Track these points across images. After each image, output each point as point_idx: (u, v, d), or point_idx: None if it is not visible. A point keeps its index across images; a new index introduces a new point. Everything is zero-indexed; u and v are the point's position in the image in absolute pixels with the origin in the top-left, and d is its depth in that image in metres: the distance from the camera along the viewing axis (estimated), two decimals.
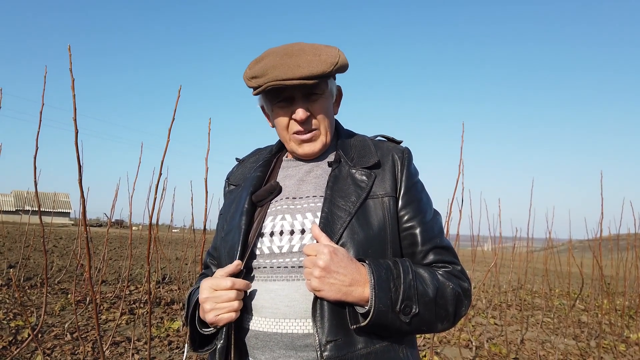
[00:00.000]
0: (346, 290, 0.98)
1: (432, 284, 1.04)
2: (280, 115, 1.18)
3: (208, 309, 1.04)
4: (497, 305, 8.21)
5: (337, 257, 0.99)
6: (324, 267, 0.97)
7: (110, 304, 6.38)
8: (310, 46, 1.15)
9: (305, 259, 1.01)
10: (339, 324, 1.00)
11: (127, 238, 15.84)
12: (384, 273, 1.00)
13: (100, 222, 45.11)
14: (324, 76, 1.11)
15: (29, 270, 8.90)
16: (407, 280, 1.01)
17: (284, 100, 1.16)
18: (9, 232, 17.88)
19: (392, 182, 1.15)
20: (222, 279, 1.05)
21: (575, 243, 11.22)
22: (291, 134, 1.19)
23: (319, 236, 1.03)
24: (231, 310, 1.03)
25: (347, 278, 0.98)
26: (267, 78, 1.10)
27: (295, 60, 1.10)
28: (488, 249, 12.15)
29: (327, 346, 0.98)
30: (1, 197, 45.11)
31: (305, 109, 1.15)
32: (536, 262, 13.06)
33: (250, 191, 1.19)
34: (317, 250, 0.99)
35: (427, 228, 1.13)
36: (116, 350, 4.38)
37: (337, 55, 1.14)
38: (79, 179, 2.15)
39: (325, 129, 1.19)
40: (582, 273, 5.67)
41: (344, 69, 1.17)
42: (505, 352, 5.03)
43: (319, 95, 1.16)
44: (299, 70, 1.08)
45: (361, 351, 1.01)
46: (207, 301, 1.04)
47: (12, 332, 4.67)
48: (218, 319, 1.04)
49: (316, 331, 0.99)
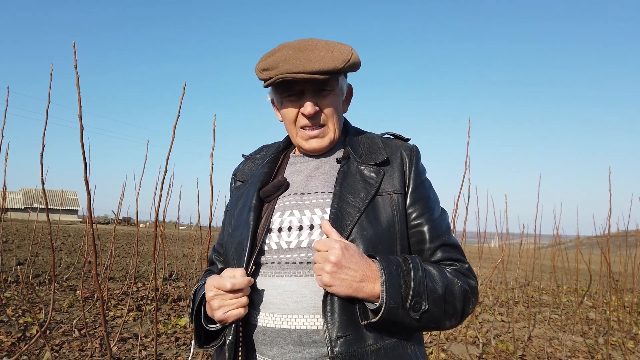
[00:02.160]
0: (357, 286, 0.98)
1: (441, 281, 1.04)
2: (288, 109, 1.18)
3: (216, 306, 1.03)
4: (504, 302, 8.18)
5: (349, 253, 0.98)
6: (335, 262, 0.96)
7: (118, 300, 6.42)
8: (324, 42, 1.15)
9: (315, 255, 1.01)
10: (349, 319, 1.00)
11: (134, 235, 15.91)
12: (395, 269, 1.00)
13: (108, 220, 45.38)
14: (335, 72, 1.11)
15: (37, 267, 8.97)
16: (417, 277, 1.01)
17: (294, 94, 1.16)
18: (18, 230, 18.02)
19: (401, 179, 1.15)
20: (228, 279, 1.03)
21: (583, 239, 11.14)
22: (298, 127, 1.19)
23: (330, 232, 1.02)
24: (240, 306, 1.03)
25: (359, 274, 0.98)
26: (279, 71, 1.10)
27: (307, 54, 1.10)
28: (495, 246, 12.10)
29: (338, 342, 0.98)
30: (10, 194, 45.48)
31: (314, 103, 1.15)
32: (543, 258, 12.99)
33: (258, 187, 1.19)
34: (329, 245, 0.98)
35: (435, 225, 1.13)
36: (124, 346, 4.41)
37: (350, 52, 1.13)
38: (85, 176, 2.15)
39: (333, 125, 1.19)
40: (590, 270, 5.63)
41: (355, 67, 1.16)
42: (512, 349, 5.00)
43: (329, 92, 1.16)
44: (310, 65, 1.08)
45: (371, 347, 1.01)
46: (215, 299, 1.04)
47: (21, 328, 4.71)
48: (227, 316, 1.03)
49: (327, 327, 0.99)
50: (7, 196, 5.71)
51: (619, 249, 7.42)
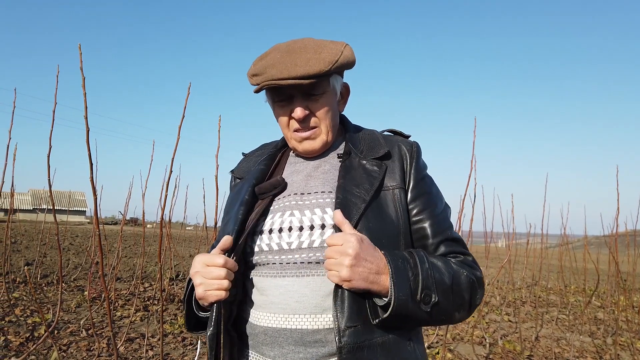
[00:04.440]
0: (374, 278, 0.97)
1: (447, 272, 1.03)
2: (280, 114, 1.18)
3: (197, 282, 1.04)
4: (511, 302, 8.13)
5: (364, 245, 0.98)
6: (355, 255, 0.95)
7: (125, 300, 6.45)
8: (315, 43, 1.13)
9: (329, 250, 0.99)
10: (359, 311, 0.99)
11: (141, 236, 16.00)
12: (401, 263, 0.99)
13: (115, 220, 45.57)
14: (321, 76, 1.09)
15: (45, 268, 9.04)
16: (424, 269, 1.00)
17: (284, 99, 1.15)
18: (27, 231, 18.16)
19: (402, 174, 1.15)
20: (215, 256, 1.04)
21: (591, 239, 11.05)
22: (292, 132, 1.19)
23: (343, 223, 1.01)
24: (220, 288, 1.02)
25: (374, 266, 0.97)
26: (264, 77, 1.10)
27: (293, 58, 1.09)
28: (502, 246, 12.04)
29: (347, 332, 0.97)
30: (18, 195, 45.85)
31: (304, 107, 1.14)
32: (551, 258, 12.90)
33: (253, 183, 1.19)
34: (345, 239, 0.97)
35: (438, 221, 1.13)
36: (130, 346, 4.43)
37: (339, 52, 1.11)
38: (91, 177, 2.17)
39: (326, 127, 1.18)
40: (597, 269, 5.59)
41: (347, 66, 1.15)
42: (519, 349, 4.98)
43: (319, 95, 1.15)
44: (294, 70, 1.07)
45: (378, 340, 1.00)
46: (197, 275, 1.04)
47: (29, 328, 4.75)
48: (207, 295, 1.03)
49: (336, 316, 0.98)
50: (16, 197, 5.75)
51: (627, 248, 7.36)
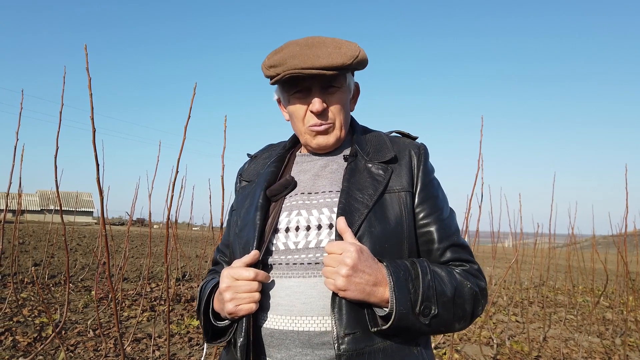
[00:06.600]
0: (370, 290, 0.96)
1: (450, 283, 1.02)
2: (296, 106, 1.17)
3: (228, 298, 1.02)
4: (518, 302, 8.09)
5: (363, 256, 0.97)
6: (352, 266, 0.95)
7: (132, 301, 6.48)
8: (331, 40, 1.14)
9: (327, 257, 0.99)
10: (357, 317, 0.98)
11: (148, 236, 16.06)
12: (403, 274, 0.98)
13: (122, 221, 45.80)
14: (344, 68, 1.10)
15: (53, 268, 9.09)
16: (425, 281, 0.99)
17: (301, 90, 1.15)
18: (34, 231, 18.29)
19: (409, 177, 1.14)
20: (244, 269, 1.02)
21: (599, 239, 10.97)
22: (307, 126, 1.17)
23: (345, 231, 1.01)
24: (252, 301, 1.01)
25: (372, 277, 0.96)
26: (286, 67, 1.09)
27: (315, 51, 1.09)
28: (509, 245, 11.97)
29: (345, 339, 0.96)
30: (26, 196, 46.18)
31: (322, 100, 1.13)
32: (558, 258, 12.83)
33: (264, 186, 1.18)
34: (343, 248, 0.97)
35: (444, 226, 1.12)
36: (137, 346, 4.44)
37: (358, 49, 1.12)
38: (97, 178, 2.17)
39: (340, 123, 1.18)
40: (606, 269, 5.55)
41: (363, 65, 1.15)
42: (527, 349, 4.94)
43: (336, 88, 1.15)
44: (318, 61, 1.07)
45: (378, 345, 0.99)
46: (228, 290, 1.02)
47: (37, 328, 4.77)
48: (238, 309, 1.02)
49: (334, 323, 0.97)
50: (23, 198, 5.76)
51: (636, 248, 7.29)
